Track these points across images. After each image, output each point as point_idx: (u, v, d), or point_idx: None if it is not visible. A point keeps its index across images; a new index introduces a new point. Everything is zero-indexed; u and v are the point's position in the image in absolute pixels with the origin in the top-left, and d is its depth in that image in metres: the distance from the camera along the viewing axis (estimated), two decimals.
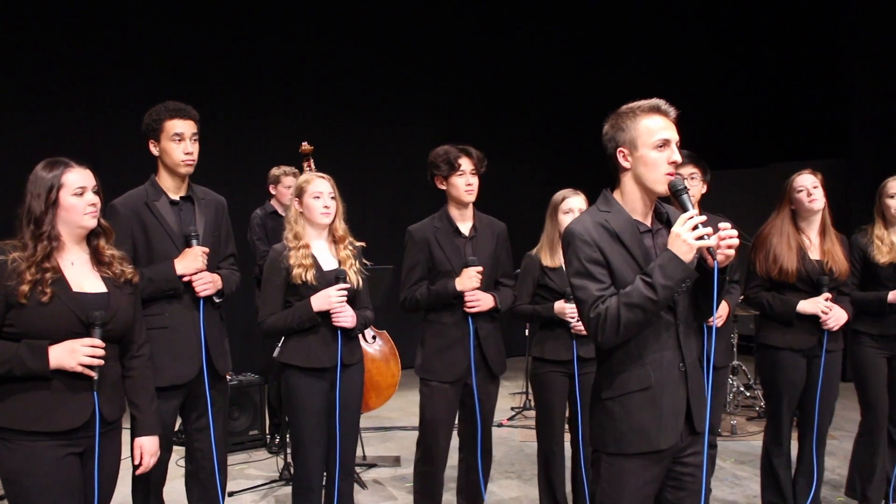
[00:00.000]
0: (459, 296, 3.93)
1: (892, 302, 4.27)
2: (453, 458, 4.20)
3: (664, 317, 2.56)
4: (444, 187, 4.04)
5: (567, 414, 4.27)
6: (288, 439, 5.48)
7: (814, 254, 4.15)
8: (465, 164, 3.96)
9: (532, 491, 5.12)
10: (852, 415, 4.32)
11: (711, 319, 3.68)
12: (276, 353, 5.22)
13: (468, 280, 3.92)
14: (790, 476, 4.35)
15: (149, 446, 3.01)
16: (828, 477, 5.12)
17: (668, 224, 2.64)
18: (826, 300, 4.07)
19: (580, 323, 4.02)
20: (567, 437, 4.28)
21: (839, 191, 4.20)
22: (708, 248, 2.44)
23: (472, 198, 4.01)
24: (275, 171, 5.88)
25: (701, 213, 2.50)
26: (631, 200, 2.61)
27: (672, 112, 2.57)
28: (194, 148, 3.52)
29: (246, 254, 5.30)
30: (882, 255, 4.33)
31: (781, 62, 10.05)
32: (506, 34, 9.88)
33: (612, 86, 10.44)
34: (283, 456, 5.37)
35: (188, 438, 3.61)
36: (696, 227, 2.42)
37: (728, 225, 2.47)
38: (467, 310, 3.97)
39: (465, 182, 3.96)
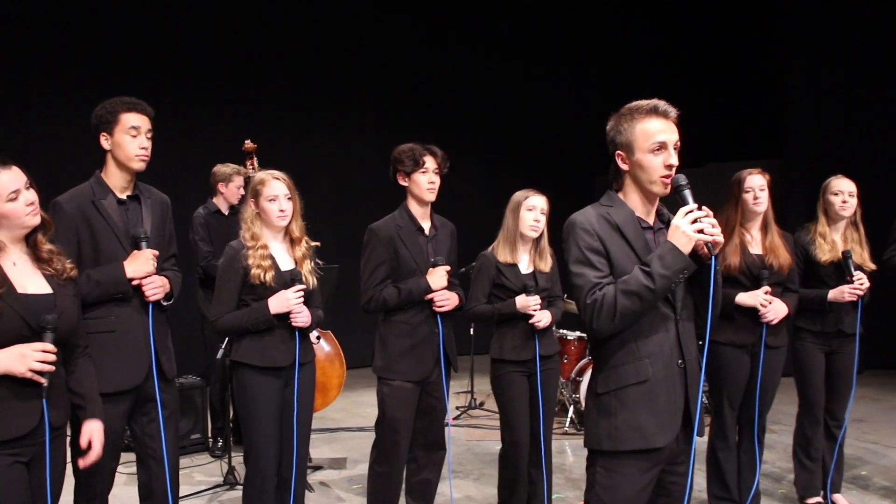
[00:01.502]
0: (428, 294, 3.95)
1: (833, 300, 4.39)
2: None
3: (663, 310, 2.55)
4: (405, 184, 4.01)
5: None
6: (231, 442, 5.41)
7: (755, 248, 4.24)
8: (430, 162, 3.96)
9: (483, 490, 5.14)
10: (790, 409, 4.44)
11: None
12: (219, 355, 5.21)
13: (439, 279, 3.93)
14: (735, 469, 4.43)
15: (99, 430, 2.89)
16: (768, 470, 5.26)
17: (669, 224, 2.63)
18: (766, 293, 4.15)
19: (542, 321, 4.10)
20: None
21: (774, 190, 4.29)
22: (706, 243, 2.45)
23: (433, 196, 4.01)
24: (223, 168, 5.76)
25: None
26: (632, 200, 2.63)
27: (672, 113, 2.56)
28: (149, 144, 3.42)
29: (185, 253, 5.19)
30: (824, 254, 4.44)
31: (719, 65, 10.29)
32: (449, 37, 9.89)
33: (552, 90, 10.63)
34: (226, 460, 5.26)
35: (139, 445, 3.50)
36: (695, 221, 2.44)
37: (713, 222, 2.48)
38: (437, 309, 3.97)
39: (427, 180, 3.96)
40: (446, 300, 3.96)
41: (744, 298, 4.15)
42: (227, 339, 5.10)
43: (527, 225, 4.17)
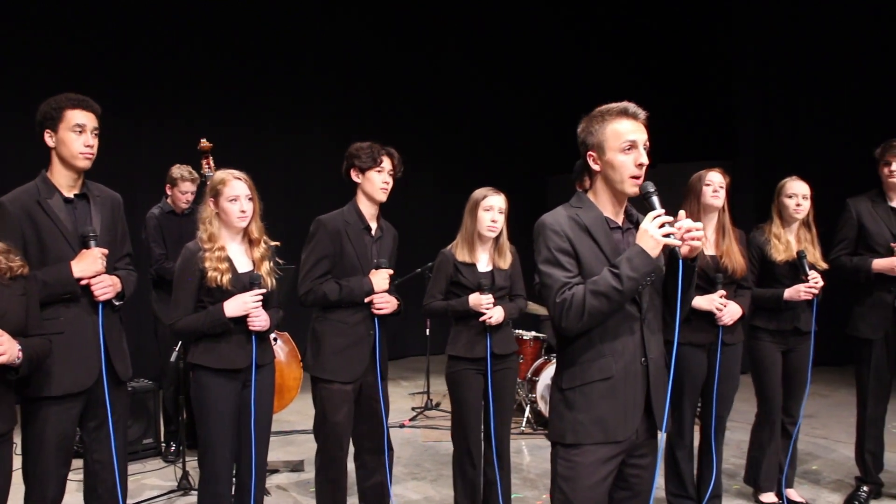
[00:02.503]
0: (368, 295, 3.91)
1: (788, 299, 4.46)
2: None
3: (629, 310, 2.63)
4: (358, 180, 3.97)
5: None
6: (185, 447, 5.30)
7: (709, 250, 4.29)
8: (387, 163, 3.95)
9: (440, 491, 5.12)
10: (744, 406, 4.50)
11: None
12: (173, 358, 5.11)
13: (382, 281, 3.91)
14: (692, 467, 4.48)
15: (9, 339, 2.72)
16: (722, 466, 5.30)
17: (637, 225, 2.70)
18: (721, 297, 4.20)
19: (493, 317, 4.09)
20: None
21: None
22: (674, 248, 2.52)
23: (384, 197, 3.98)
24: (173, 171, 5.65)
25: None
26: (602, 200, 2.69)
27: (641, 114, 2.64)
28: (94, 142, 3.33)
29: (140, 253, 5.09)
30: (779, 254, 4.51)
31: (671, 68, 10.40)
32: (403, 37, 9.86)
33: (505, 91, 10.66)
34: (180, 465, 5.17)
35: (86, 450, 3.41)
36: (663, 225, 2.49)
37: (691, 221, 2.54)
38: (376, 311, 3.93)
39: (382, 180, 3.93)
40: (386, 303, 3.93)
41: (700, 303, 4.20)
42: (180, 342, 5.02)
43: (484, 225, 4.15)
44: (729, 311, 4.23)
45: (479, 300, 4.10)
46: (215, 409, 3.53)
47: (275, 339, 5.42)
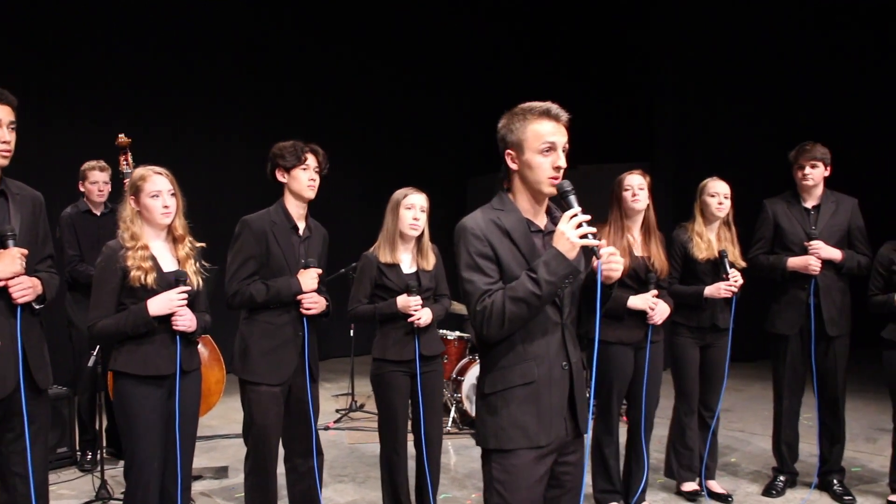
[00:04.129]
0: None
1: (709, 296, 4.58)
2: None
3: (550, 314, 2.61)
4: (284, 180, 3.91)
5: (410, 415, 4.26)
6: (104, 455, 5.12)
7: (637, 250, 4.37)
8: (311, 160, 3.89)
9: (368, 493, 5.08)
10: (661, 402, 4.61)
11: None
12: (90, 363, 4.92)
13: (310, 281, 3.85)
14: (619, 464, 4.56)
15: None
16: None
17: None
18: (653, 296, 4.30)
19: (421, 318, 4.08)
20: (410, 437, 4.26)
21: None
22: (592, 249, 2.50)
23: (312, 194, 3.92)
24: (84, 165, 5.46)
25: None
26: (521, 200, 2.66)
27: (563, 116, 2.61)
28: (11, 137, 3.16)
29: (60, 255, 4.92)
30: (700, 252, 4.63)
31: (590, 70, 10.57)
32: (323, 37, 9.75)
33: (425, 92, 10.65)
34: (98, 474, 4.98)
35: (3, 462, 3.23)
36: (579, 226, 2.47)
37: (611, 249, 2.54)
38: (304, 312, 3.87)
39: (308, 177, 3.88)
40: (314, 303, 3.89)
41: (635, 302, 4.29)
42: (98, 346, 4.84)
43: (406, 223, 4.13)
44: (660, 310, 4.33)
45: (408, 302, 4.08)
46: (142, 419, 3.40)
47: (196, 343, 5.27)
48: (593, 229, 2.47)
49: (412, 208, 4.11)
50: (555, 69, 10.68)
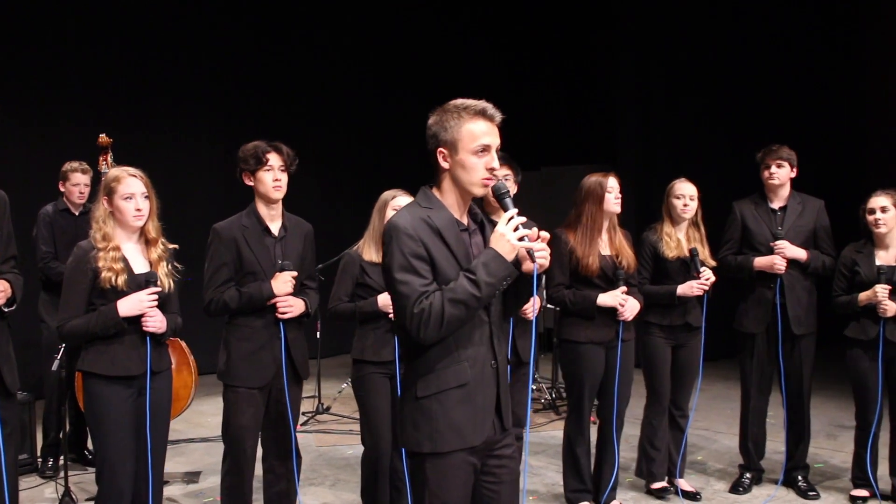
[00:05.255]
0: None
1: (681, 295, 4.64)
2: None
3: (480, 314, 2.60)
4: (251, 183, 3.88)
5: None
6: (68, 461, 5.02)
7: (605, 249, 4.42)
8: (274, 159, 3.84)
9: (340, 496, 5.05)
10: (633, 401, 4.66)
11: (529, 313, 3.83)
12: (54, 366, 4.82)
13: (283, 285, 3.82)
14: (590, 463, 4.59)
15: None
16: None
17: (482, 225, 2.71)
18: (623, 293, 4.34)
19: None
20: None
21: None
22: (528, 250, 2.49)
23: (279, 195, 3.89)
24: (66, 165, 5.38)
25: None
26: (449, 200, 2.62)
27: (498, 117, 2.59)
28: None
29: (27, 254, 4.82)
30: (670, 251, 4.69)
31: (554, 72, 10.65)
32: (281, 41, 9.65)
33: (382, 93, 10.61)
34: (61, 481, 4.88)
35: None
36: (517, 228, 2.48)
37: (543, 245, 2.52)
38: (280, 316, 3.86)
39: (272, 178, 3.83)
40: (290, 307, 3.86)
41: (605, 299, 4.32)
42: (62, 349, 4.75)
43: None
44: (630, 306, 4.36)
45: (389, 300, 4.06)
46: (112, 420, 3.36)
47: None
48: (529, 231, 2.48)
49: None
50: (518, 71, 10.75)
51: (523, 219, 2.49)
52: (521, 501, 2.74)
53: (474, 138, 2.52)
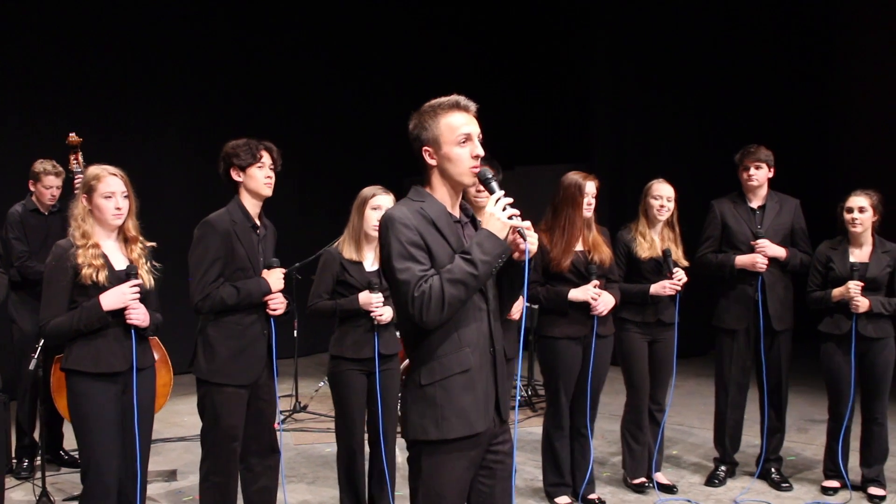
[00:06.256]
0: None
1: (654, 294, 4.71)
2: None
3: (477, 301, 2.65)
4: (239, 179, 3.86)
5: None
6: (44, 461, 4.97)
7: (577, 245, 4.48)
8: (266, 157, 3.86)
9: (320, 493, 5.06)
10: (604, 398, 4.71)
11: (514, 314, 3.88)
12: (32, 365, 4.77)
13: (277, 281, 3.83)
14: (569, 457, 4.65)
15: None
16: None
17: (473, 219, 2.78)
18: (595, 286, 4.39)
19: (383, 315, 4.09)
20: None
21: None
22: (518, 231, 2.55)
23: (270, 192, 3.90)
24: (37, 165, 5.31)
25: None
26: (441, 195, 2.68)
27: (472, 107, 2.66)
28: None
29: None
30: (644, 251, 4.76)
31: (527, 71, 10.70)
32: (255, 38, 9.61)
33: (356, 92, 10.61)
34: (38, 482, 4.83)
35: None
36: (506, 208, 2.54)
37: (528, 224, 2.58)
38: (271, 312, 3.86)
39: (264, 175, 3.85)
40: (281, 304, 3.88)
41: (576, 294, 4.38)
42: (39, 347, 4.70)
43: (371, 224, 4.13)
44: (603, 300, 4.41)
45: (370, 299, 4.08)
46: (97, 417, 3.34)
47: None
48: (517, 211, 2.54)
49: (378, 209, 4.10)
50: (493, 71, 10.79)
51: (510, 200, 2.54)
52: (512, 500, 2.76)
53: (454, 130, 2.59)
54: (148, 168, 8.40)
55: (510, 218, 2.52)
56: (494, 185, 2.59)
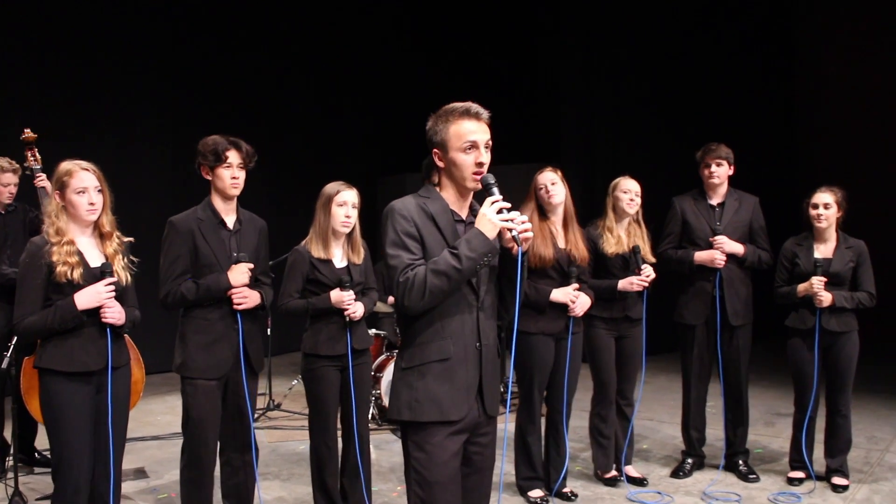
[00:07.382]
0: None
1: (622, 290, 4.79)
2: None
3: (467, 296, 2.77)
4: (209, 178, 3.91)
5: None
6: (15, 462, 4.95)
7: (560, 243, 4.55)
8: (233, 156, 3.87)
9: (293, 490, 5.08)
10: (576, 395, 4.78)
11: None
12: (4, 364, 4.75)
13: (240, 276, 3.85)
14: (542, 451, 4.71)
15: None
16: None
17: None
18: (574, 289, 4.47)
19: (356, 312, 4.13)
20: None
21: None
22: (512, 235, 2.64)
23: (236, 192, 3.92)
24: None
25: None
26: (448, 194, 2.83)
27: (484, 114, 2.79)
28: None
29: None
30: (610, 247, 4.83)
31: (495, 72, 10.74)
32: (225, 40, 9.58)
33: (330, 94, 10.63)
34: (10, 481, 4.81)
35: None
36: (500, 211, 2.65)
37: (524, 217, 2.69)
38: (236, 307, 3.88)
39: (230, 175, 3.87)
40: (245, 298, 3.89)
41: (557, 296, 4.46)
42: (12, 346, 4.68)
43: (338, 221, 4.18)
44: (580, 302, 4.50)
45: (342, 297, 4.12)
46: (70, 416, 3.33)
47: None
48: (514, 215, 2.64)
49: (344, 205, 4.15)
50: (462, 72, 10.81)
51: (508, 204, 2.66)
52: (500, 493, 2.85)
53: (461, 137, 2.73)
54: (124, 163, 8.37)
55: (503, 220, 2.63)
56: (495, 190, 2.70)
